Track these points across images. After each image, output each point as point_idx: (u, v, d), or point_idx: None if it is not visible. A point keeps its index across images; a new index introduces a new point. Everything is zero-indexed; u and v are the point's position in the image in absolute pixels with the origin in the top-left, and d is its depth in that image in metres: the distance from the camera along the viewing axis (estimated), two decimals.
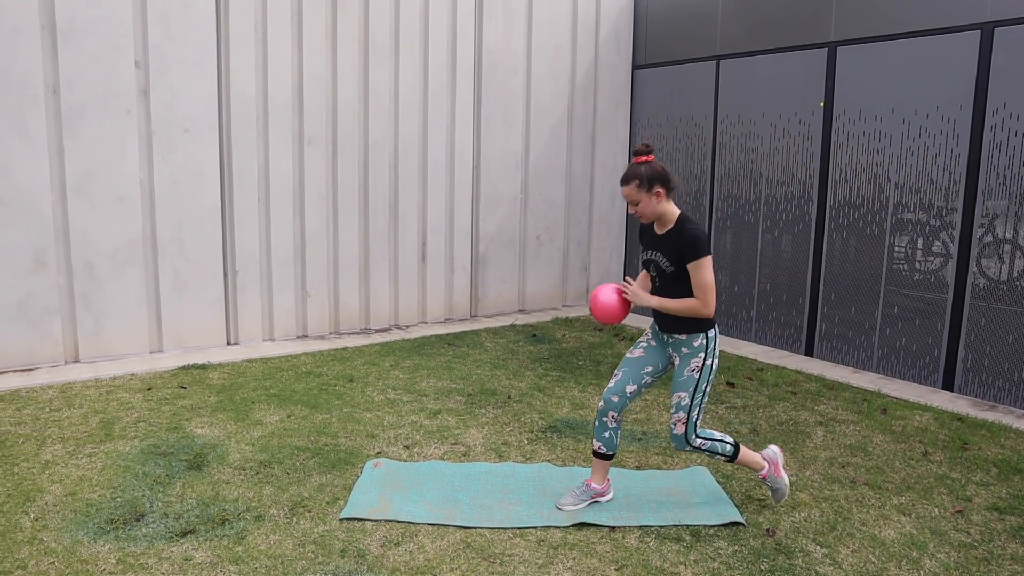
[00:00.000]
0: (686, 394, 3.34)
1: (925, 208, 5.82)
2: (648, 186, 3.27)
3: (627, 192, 3.31)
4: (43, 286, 5.43)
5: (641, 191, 3.28)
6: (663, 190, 3.29)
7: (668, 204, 3.33)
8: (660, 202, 3.30)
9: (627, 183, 3.31)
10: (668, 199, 3.33)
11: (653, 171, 3.28)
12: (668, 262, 3.31)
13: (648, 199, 3.29)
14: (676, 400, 3.37)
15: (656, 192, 3.28)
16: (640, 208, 3.32)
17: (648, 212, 3.32)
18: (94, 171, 5.53)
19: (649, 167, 3.28)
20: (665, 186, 3.29)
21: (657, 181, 3.27)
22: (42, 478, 3.72)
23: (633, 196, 3.30)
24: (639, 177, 3.28)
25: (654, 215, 3.34)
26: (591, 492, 3.57)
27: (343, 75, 6.56)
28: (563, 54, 7.92)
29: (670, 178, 3.31)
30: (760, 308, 7.08)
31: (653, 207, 3.31)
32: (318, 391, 5.14)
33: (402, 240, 7.13)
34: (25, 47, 5.18)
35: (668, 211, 3.34)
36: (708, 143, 7.48)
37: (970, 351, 5.57)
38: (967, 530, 3.45)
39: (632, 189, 3.29)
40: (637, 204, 3.31)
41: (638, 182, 3.27)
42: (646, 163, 3.30)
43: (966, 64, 5.50)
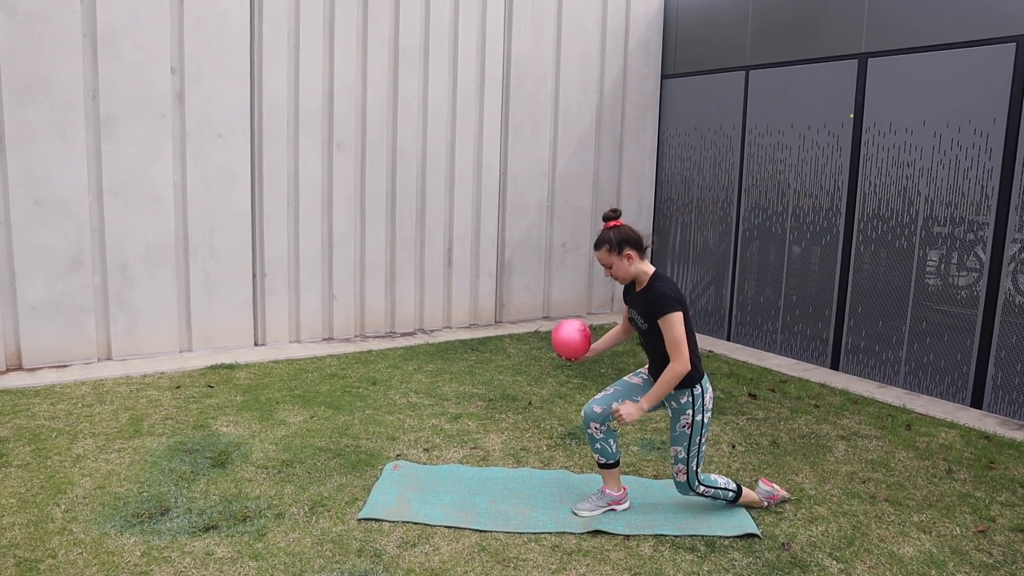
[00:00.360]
0: (682, 448, 3.46)
1: (956, 222, 5.75)
2: (619, 250, 3.38)
3: (600, 256, 3.42)
4: (78, 285, 5.59)
5: (612, 255, 3.39)
6: (633, 252, 3.38)
7: (641, 264, 3.43)
8: (632, 263, 3.40)
9: (599, 248, 3.41)
10: (641, 259, 3.43)
11: (622, 235, 3.38)
12: (643, 319, 3.42)
13: (620, 262, 3.39)
14: (674, 453, 3.50)
15: (627, 255, 3.38)
16: (614, 271, 3.42)
17: (622, 274, 3.42)
18: (129, 174, 5.68)
19: (618, 231, 3.38)
20: (635, 248, 3.39)
21: (627, 244, 3.37)
22: (73, 471, 3.83)
23: (606, 260, 3.41)
24: (609, 242, 3.38)
25: (628, 277, 3.43)
26: (607, 499, 3.60)
27: (373, 83, 6.66)
28: (592, 63, 7.96)
29: (640, 239, 3.43)
30: (786, 320, 7.03)
31: (626, 269, 3.40)
32: (341, 393, 5.22)
33: (428, 245, 7.20)
34: (68, 54, 5.34)
35: (641, 271, 3.44)
36: (736, 153, 7.46)
37: (1000, 368, 5.48)
38: (989, 550, 3.40)
39: (604, 254, 3.40)
40: (610, 267, 3.42)
41: (608, 247, 3.38)
42: (615, 227, 3.40)
43: (1000, 77, 5.43)
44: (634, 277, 3.44)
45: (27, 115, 5.26)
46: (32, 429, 4.35)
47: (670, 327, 3.28)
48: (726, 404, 5.32)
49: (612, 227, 3.39)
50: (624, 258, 3.38)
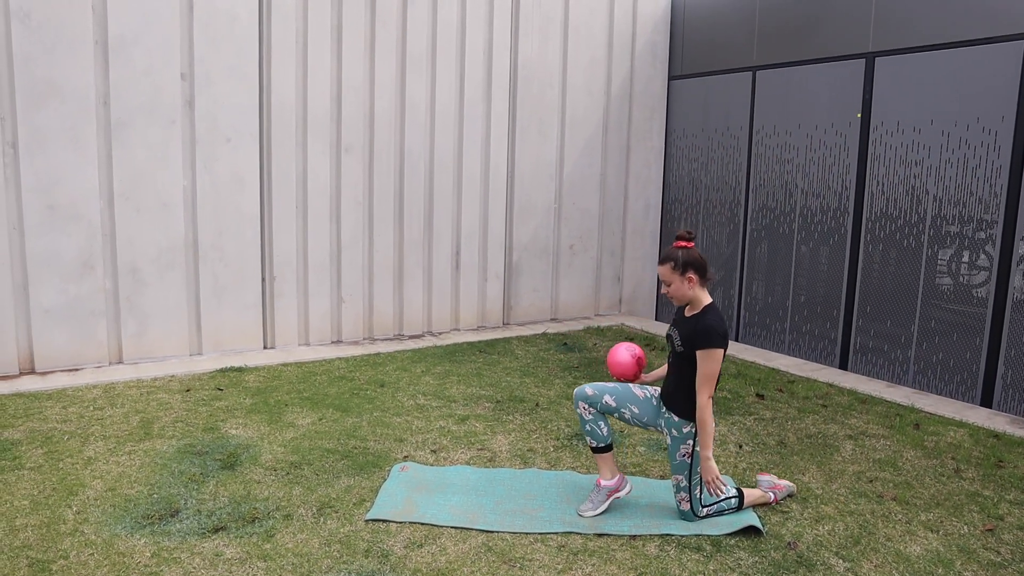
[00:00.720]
0: (683, 477, 3.50)
1: (964, 221, 5.73)
2: (682, 270, 3.39)
3: (662, 272, 3.45)
4: (90, 289, 5.65)
5: (675, 273, 3.41)
6: (695, 276, 3.41)
7: (700, 291, 3.44)
8: (692, 287, 3.42)
9: (663, 263, 3.44)
10: (701, 287, 3.44)
11: (690, 257, 3.40)
12: (681, 341, 3.44)
13: (680, 283, 3.41)
14: (676, 482, 3.53)
15: (688, 277, 3.40)
16: (672, 290, 3.44)
17: (679, 295, 3.44)
18: (140, 179, 5.74)
19: (687, 252, 3.41)
20: (699, 273, 3.41)
21: (691, 267, 3.40)
22: (85, 473, 3.87)
23: (666, 277, 3.43)
24: (675, 260, 3.41)
25: (684, 299, 3.46)
26: (605, 491, 3.62)
27: (380, 86, 6.70)
28: (599, 66, 7.97)
29: (705, 267, 3.44)
30: (794, 320, 7.01)
31: (684, 291, 3.43)
32: (350, 395, 5.25)
33: (436, 248, 7.24)
34: (79, 61, 5.41)
35: (698, 298, 3.45)
36: (743, 154, 7.45)
37: (1010, 367, 5.46)
38: (997, 549, 3.39)
39: (667, 270, 3.42)
40: (669, 285, 3.44)
41: (673, 264, 3.41)
42: (684, 248, 3.42)
43: (1008, 75, 5.41)
44: (689, 301, 3.46)
45: (40, 121, 5.33)
46: (44, 432, 4.41)
47: (709, 362, 3.30)
48: (733, 405, 5.32)
49: (682, 247, 3.42)
50: (686, 280, 3.40)
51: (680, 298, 3.45)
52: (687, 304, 3.51)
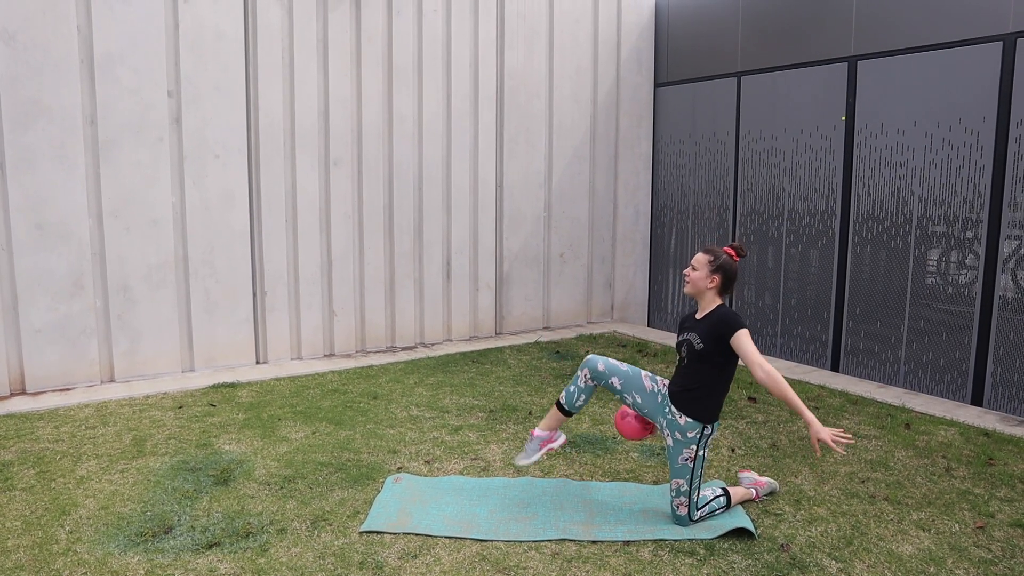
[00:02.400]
0: (684, 481, 3.51)
1: (950, 221, 5.78)
2: (713, 269, 3.51)
3: (698, 259, 3.56)
4: (80, 308, 5.64)
5: (707, 267, 3.52)
6: (719, 282, 3.51)
7: (714, 295, 3.54)
8: (709, 286, 3.52)
9: (706, 253, 3.56)
10: (716, 293, 3.54)
11: (728, 264, 3.53)
12: (701, 340, 3.47)
13: (705, 277, 3.52)
14: (676, 486, 3.54)
15: (713, 278, 3.51)
16: (693, 276, 3.54)
17: (696, 283, 3.54)
18: (129, 197, 5.75)
19: (728, 260, 3.53)
20: (724, 282, 3.52)
21: (722, 272, 3.51)
22: (77, 493, 3.86)
23: (699, 264, 3.54)
24: (715, 257, 3.53)
25: (697, 290, 3.55)
26: (537, 441, 3.75)
27: (367, 99, 6.73)
28: (585, 75, 8.03)
29: (732, 281, 3.55)
30: (785, 323, 7.05)
31: (702, 285, 3.53)
32: (343, 408, 5.25)
33: (427, 259, 7.25)
34: (66, 80, 5.42)
35: (710, 299, 3.55)
36: (730, 159, 7.50)
37: (999, 365, 5.50)
38: (988, 546, 3.41)
39: (704, 260, 3.54)
40: (695, 271, 3.54)
41: (712, 259, 3.52)
42: (729, 256, 3.54)
43: (989, 75, 5.48)
44: (700, 297, 3.56)
45: (27, 141, 5.33)
46: (36, 452, 4.39)
47: (744, 344, 3.35)
48: (726, 408, 5.34)
49: (729, 254, 3.54)
50: (710, 278, 3.51)
51: (694, 288, 3.54)
52: (697, 307, 3.60)
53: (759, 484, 3.81)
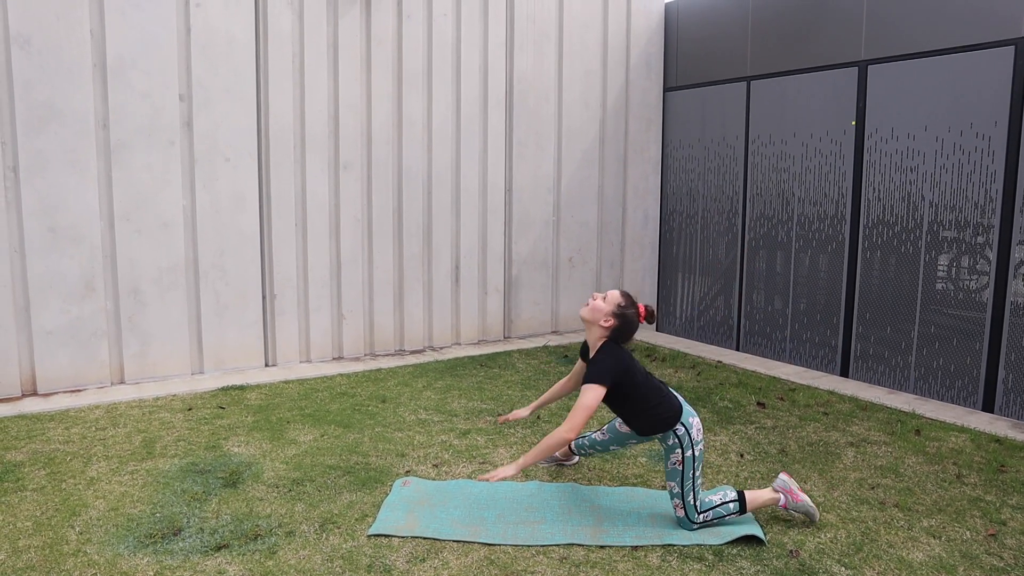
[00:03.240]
0: (675, 483, 3.53)
1: (961, 226, 5.75)
2: (617, 312, 3.53)
3: (611, 294, 3.57)
4: (92, 310, 5.68)
5: (612, 306, 3.53)
6: (614, 326, 3.52)
7: (603, 333, 3.54)
8: (604, 324, 3.52)
9: (622, 296, 3.57)
10: (610, 338, 3.53)
11: (631, 318, 3.54)
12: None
13: (607, 312, 3.52)
14: (669, 488, 3.58)
15: (610, 319, 3.52)
16: (597, 303, 3.55)
17: (595, 311, 3.54)
18: (140, 200, 5.78)
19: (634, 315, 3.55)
20: (618, 328, 3.52)
21: (621, 320, 3.52)
22: (87, 494, 3.88)
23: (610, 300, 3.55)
24: (627, 305, 3.55)
25: (592, 319, 3.55)
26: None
27: (377, 103, 6.75)
28: (594, 79, 8.03)
29: (625, 336, 3.55)
30: (794, 328, 7.02)
31: (599, 316, 3.53)
32: (351, 411, 5.26)
33: (435, 263, 7.27)
34: (79, 84, 5.46)
35: (599, 335, 3.56)
36: (740, 163, 7.49)
37: (1011, 371, 5.46)
38: (999, 554, 3.39)
39: (616, 297, 3.56)
40: (601, 299, 3.55)
41: (622, 303, 3.54)
42: (637, 312, 3.56)
43: (1000, 80, 5.45)
44: (590, 328, 3.57)
45: (40, 144, 5.38)
46: (47, 453, 4.42)
47: (586, 393, 3.39)
48: (735, 413, 5.32)
49: (639, 311, 3.56)
50: (608, 317, 3.51)
51: (591, 315, 3.53)
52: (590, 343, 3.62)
53: (793, 495, 3.59)
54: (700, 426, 3.58)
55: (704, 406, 5.49)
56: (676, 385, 6.03)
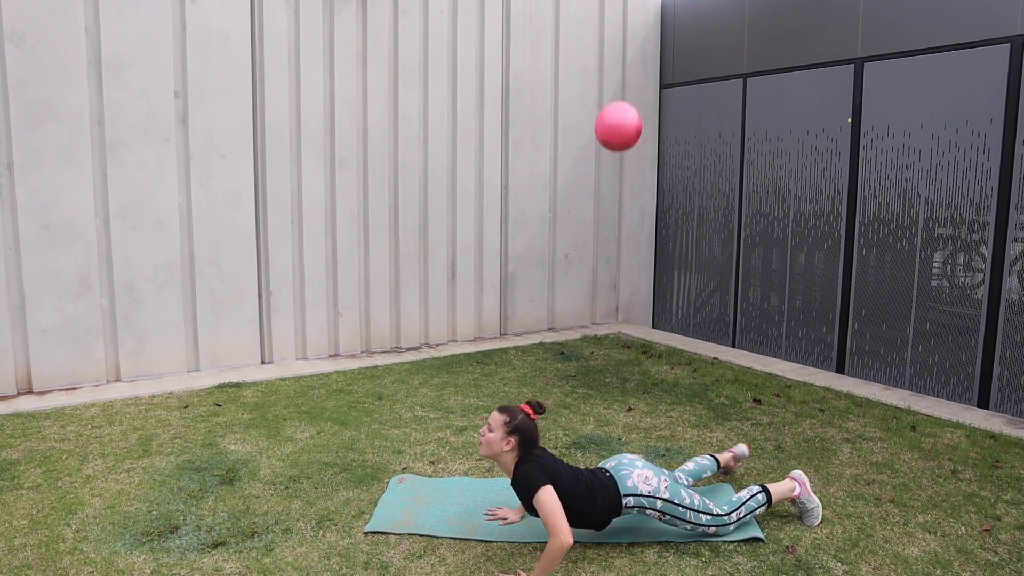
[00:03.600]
0: (682, 524, 3.38)
1: (956, 223, 5.77)
2: (509, 430, 3.26)
3: (493, 418, 3.30)
4: (87, 308, 5.66)
5: (502, 428, 3.27)
6: (516, 443, 3.27)
7: (512, 456, 3.29)
8: (506, 449, 3.27)
9: (501, 412, 3.31)
10: (515, 454, 3.29)
11: (525, 425, 3.28)
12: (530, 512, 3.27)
13: (500, 438, 3.27)
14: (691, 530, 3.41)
15: (509, 440, 3.26)
16: (488, 437, 3.29)
17: (491, 445, 3.29)
18: (135, 197, 5.77)
19: (525, 419, 3.29)
20: (522, 441, 3.27)
21: (518, 434, 3.26)
22: (83, 492, 3.88)
23: (495, 425, 3.28)
24: (512, 418, 3.28)
25: (492, 454, 3.30)
26: None
27: (373, 100, 6.74)
28: (590, 76, 8.03)
29: (532, 442, 3.29)
30: (790, 325, 7.04)
31: (498, 447, 3.28)
32: (348, 408, 5.26)
33: (432, 260, 7.26)
34: (73, 81, 5.44)
35: (510, 460, 3.30)
36: (736, 160, 7.50)
37: (1006, 368, 5.48)
38: (994, 549, 3.40)
39: (499, 420, 3.28)
40: (490, 431, 3.29)
41: (507, 419, 3.28)
42: (526, 415, 3.30)
43: (996, 77, 5.46)
44: (498, 460, 3.32)
45: (35, 142, 5.36)
46: (43, 451, 4.41)
47: (542, 503, 3.09)
48: (731, 410, 5.34)
49: (526, 412, 3.31)
50: (505, 440, 3.26)
51: (489, 450, 3.29)
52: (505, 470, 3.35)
53: (806, 489, 3.63)
54: (648, 474, 3.37)
55: (700, 403, 5.50)
56: (673, 382, 6.05)
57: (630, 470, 3.38)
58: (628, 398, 5.60)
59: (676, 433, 4.86)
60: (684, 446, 4.62)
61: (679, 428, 4.95)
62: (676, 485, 3.41)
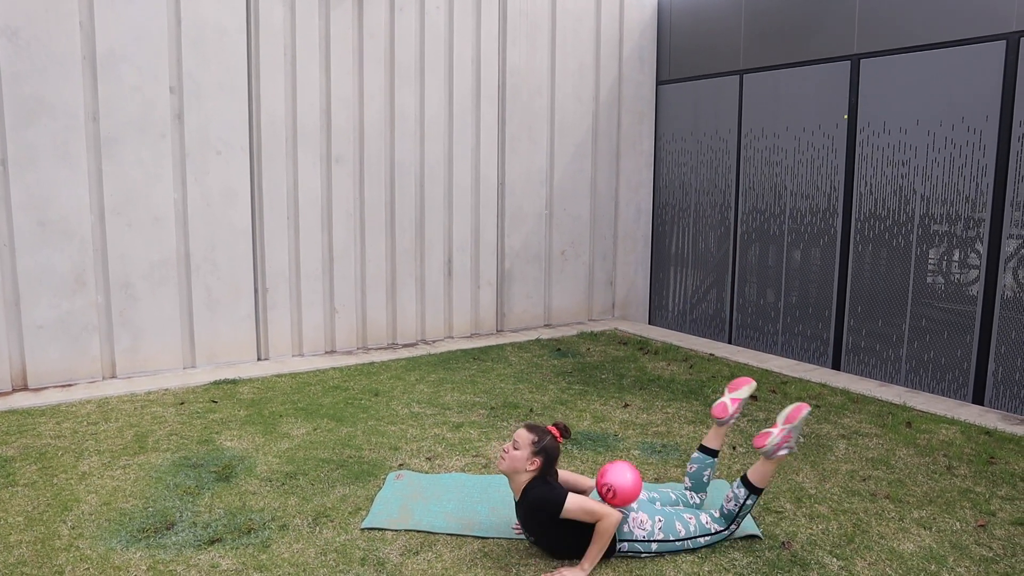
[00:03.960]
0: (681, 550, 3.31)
1: (952, 220, 5.78)
2: (536, 450, 3.21)
3: (520, 436, 3.25)
4: (82, 305, 5.65)
5: (529, 448, 3.21)
6: (540, 465, 3.21)
7: (526, 477, 3.23)
8: (529, 468, 3.21)
9: (530, 431, 3.25)
10: (536, 475, 3.23)
11: (551, 447, 3.24)
12: (530, 534, 3.29)
13: (525, 457, 3.20)
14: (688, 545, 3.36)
15: (534, 460, 3.20)
16: (512, 454, 3.22)
17: (514, 463, 3.21)
18: (131, 194, 5.75)
19: (552, 441, 3.25)
20: (545, 464, 3.22)
21: (544, 455, 3.21)
22: (79, 488, 3.87)
23: (521, 443, 3.22)
24: (540, 439, 3.23)
25: (512, 471, 3.23)
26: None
27: (369, 97, 6.72)
28: (587, 72, 8.02)
29: (553, 464, 3.26)
30: (786, 321, 7.05)
31: (520, 466, 3.21)
32: (344, 405, 5.25)
33: (428, 257, 7.25)
34: (68, 77, 5.42)
35: (521, 482, 3.24)
36: (732, 156, 7.50)
37: (1000, 364, 5.50)
38: (989, 544, 3.41)
39: (527, 438, 3.22)
40: (516, 449, 3.22)
41: (535, 439, 3.22)
42: (553, 438, 3.27)
43: (991, 74, 5.47)
44: (512, 478, 3.25)
45: (29, 138, 5.34)
46: (38, 448, 4.40)
47: (574, 509, 3.11)
48: None
49: (553, 434, 3.27)
50: (530, 460, 3.20)
51: (511, 467, 3.21)
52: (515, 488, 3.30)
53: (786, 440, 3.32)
54: (643, 518, 3.29)
55: (696, 399, 5.50)
56: (669, 378, 6.05)
57: (625, 512, 3.29)
58: (624, 394, 5.61)
59: (672, 429, 4.87)
60: (680, 442, 4.62)
61: (675, 424, 4.96)
62: (671, 518, 3.32)
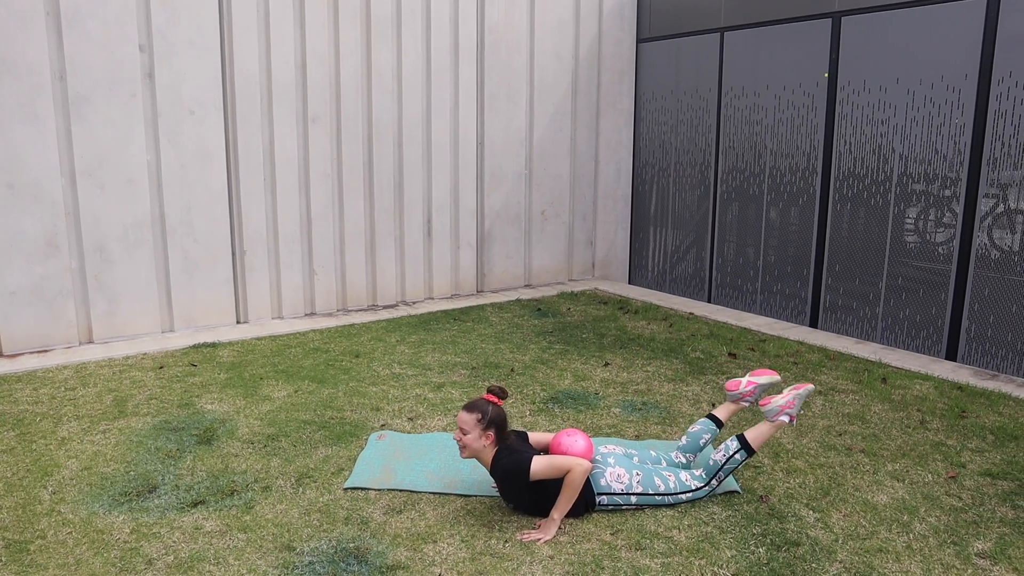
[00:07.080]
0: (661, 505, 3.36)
1: (930, 179, 5.81)
2: (485, 425, 3.21)
3: (464, 420, 3.22)
4: (56, 269, 5.55)
5: (477, 427, 3.21)
6: (495, 435, 3.23)
7: (489, 451, 3.25)
8: (487, 444, 3.23)
9: (470, 411, 3.23)
10: (494, 444, 3.25)
11: (496, 415, 3.24)
12: (507, 499, 3.33)
13: (478, 436, 3.21)
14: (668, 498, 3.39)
15: (487, 434, 3.22)
16: (466, 440, 3.22)
17: (472, 447, 3.23)
18: (102, 155, 5.62)
19: (495, 409, 3.24)
20: (498, 432, 3.24)
21: (494, 426, 3.22)
22: (59, 454, 3.85)
23: (468, 426, 3.21)
24: (483, 414, 3.22)
25: (474, 453, 3.25)
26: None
27: (345, 54, 6.59)
28: (566, 30, 7.91)
29: (505, 427, 3.27)
30: (764, 280, 7.10)
31: (478, 445, 3.23)
32: (325, 367, 5.24)
33: (407, 218, 7.20)
34: (31, 34, 5.25)
35: (487, 457, 3.26)
36: (712, 115, 7.47)
37: (973, 321, 5.59)
38: (959, 495, 3.50)
39: (470, 420, 3.21)
40: (465, 435, 3.21)
41: (479, 416, 3.21)
42: (494, 405, 3.26)
43: (971, 32, 5.46)
44: (480, 458, 3.28)
45: None
46: (15, 414, 4.36)
47: (543, 468, 3.15)
48: (706, 364, 5.40)
49: (492, 402, 3.26)
50: (484, 436, 3.21)
51: (472, 452, 3.24)
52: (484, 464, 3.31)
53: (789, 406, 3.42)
54: (620, 472, 3.32)
55: (676, 357, 5.56)
56: (649, 337, 6.10)
57: (603, 468, 3.33)
58: (605, 353, 5.65)
59: (652, 387, 4.92)
60: (660, 400, 4.68)
61: (655, 382, 5.01)
62: (649, 474, 3.35)
